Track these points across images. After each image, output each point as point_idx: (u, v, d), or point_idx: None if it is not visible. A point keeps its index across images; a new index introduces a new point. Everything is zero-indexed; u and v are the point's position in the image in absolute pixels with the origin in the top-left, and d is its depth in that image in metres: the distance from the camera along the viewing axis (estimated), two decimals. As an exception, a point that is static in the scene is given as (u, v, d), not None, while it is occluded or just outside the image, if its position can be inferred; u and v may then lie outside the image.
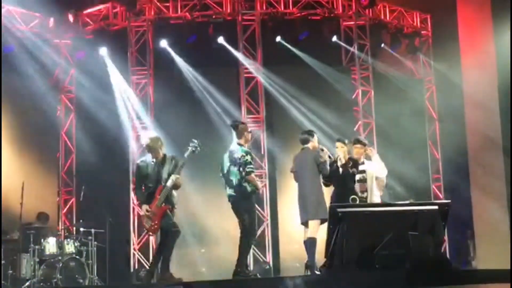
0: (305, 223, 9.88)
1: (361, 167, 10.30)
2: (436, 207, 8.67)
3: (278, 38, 15.37)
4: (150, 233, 9.48)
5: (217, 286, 8.08)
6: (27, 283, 11.76)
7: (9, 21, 14.51)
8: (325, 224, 9.38)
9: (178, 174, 9.35)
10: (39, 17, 15.14)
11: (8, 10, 14.56)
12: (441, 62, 16.19)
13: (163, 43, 15.18)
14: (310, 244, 9.72)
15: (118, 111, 15.05)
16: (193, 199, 13.94)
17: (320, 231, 9.70)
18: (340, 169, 10.10)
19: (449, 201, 9.21)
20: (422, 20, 16.73)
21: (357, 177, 10.14)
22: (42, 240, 12.06)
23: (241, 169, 9.30)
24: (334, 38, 15.67)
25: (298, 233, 10.85)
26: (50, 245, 12.03)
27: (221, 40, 15.14)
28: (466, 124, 15.07)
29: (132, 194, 14.40)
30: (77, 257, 12.04)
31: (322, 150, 9.92)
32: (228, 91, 15.26)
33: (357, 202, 9.75)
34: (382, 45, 16.24)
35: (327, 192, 10.20)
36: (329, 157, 9.94)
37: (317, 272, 9.27)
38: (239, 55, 15.08)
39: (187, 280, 8.90)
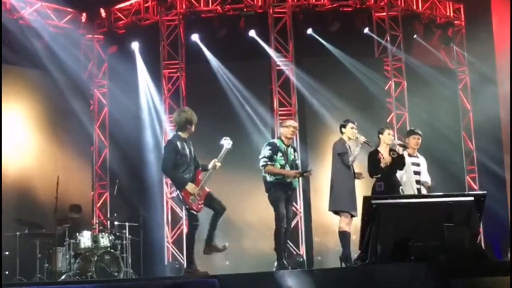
0: (334, 212, 9.91)
1: (416, 160, 10.33)
2: (471, 198, 8.60)
3: (310, 31, 15.31)
4: (194, 211, 9.11)
5: (250, 279, 8.06)
6: (63, 277, 11.88)
7: (42, 17, 14.67)
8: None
9: (220, 161, 9.16)
10: (71, 13, 15.28)
11: (41, 5, 14.72)
12: (475, 52, 16.04)
13: (195, 37, 15.21)
14: (340, 237, 9.76)
15: (142, 107, 15.20)
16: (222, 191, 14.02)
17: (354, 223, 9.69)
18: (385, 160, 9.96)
19: (485, 192, 9.10)
20: (455, 10, 16.55)
21: (414, 168, 10.27)
22: (77, 234, 12.15)
23: None
24: (366, 30, 15.58)
25: (332, 225, 10.83)
26: (85, 239, 12.11)
27: (252, 33, 15.13)
28: (501, 115, 14.93)
29: (165, 188, 14.49)
30: (112, 250, 12.11)
31: (357, 138, 9.89)
32: (260, 84, 15.28)
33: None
34: (415, 36, 16.10)
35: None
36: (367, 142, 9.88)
37: (353, 265, 9.23)
38: (270, 50, 15.02)
39: (215, 273, 8.90)
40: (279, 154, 9.56)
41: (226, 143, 9.31)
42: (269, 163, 9.51)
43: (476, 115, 16.16)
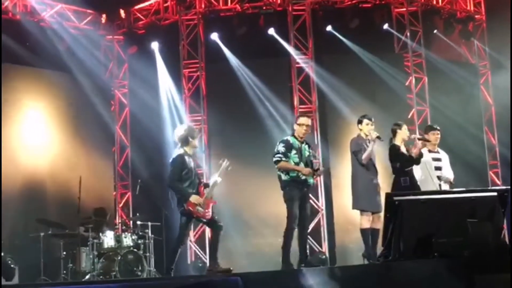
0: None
1: (437, 155, 10.29)
2: (495, 193, 8.53)
3: (329, 27, 15.28)
4: (204, 219, 9.41)
5: (273, 277, 8.07)
6: (87, 276, 11.93)
7: (62, 19, 14.76)
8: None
9: (220, 177, 9.51)
10: (91, 14, 15.36)
11: (61, 7, 14.82)
12: (496, 47, 15.93)
13: (214, 36, 15.24)
14: (362, 234, 9.78)
15: (162, 107, 15.27)
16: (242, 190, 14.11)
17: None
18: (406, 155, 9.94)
19: (509, 187, 9.03)
20: (475, 4, 16.43)
21: (435, 164, 10.24)
22: (100, 234, 12.22)
23: None
24: (386, 26, 15.52)
25: (354, 222, 10.81)
26: (108, 239, 12.16)
27: (271, 31, 15.12)
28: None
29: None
30: (135, 250, 12.14)
31: (366, 135, 9.85)
32: (281, 81, 15.27)
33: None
34: (435, 31, 16.01)
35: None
36: (379, 138, 9.84)
37: (376, 261, 9.20)
38: (289, 47, 15.01)
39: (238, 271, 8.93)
40: (293, 151, 9.52)
41: (224, 163, 9.53)
42: (283, 159, 9.47)
43: (498, 109, 16.05)
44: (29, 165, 13.85)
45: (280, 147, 9.53)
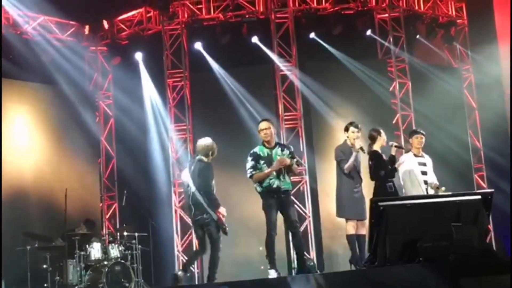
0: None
1: (422, 160, 10.34)
2: (479, 196, 8.57)
3: (312, 35, 15.32)
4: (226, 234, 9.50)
5: (260, 285, 8.08)
6: (75, 289, 11.92)
7: (45, 31, 14.73)
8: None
9: None
10: (74, 26, 15.35)
11: (44, 19, 14.79)
12: (479, 50, 16.03)
13: (198, 45, 15.25)
14: (348, 241, 9.78)
15: (147, 117, 15.27)
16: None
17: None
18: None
19: (492, 190, 9.08)
20: (457, 8, 16.54)
21: (421, 168, 10.26)
22: (87, 246, 12.18)
23: None
24: (369, 32, 15.58)
25: (341, 228, 10.83)
26: (95, 251, 12.13)
27: (255, 39, 15.15)
28: (506, 111, 14.89)
29: (174, 197, 14.55)
30: (122, 261, 12.13)
31: (354, 145, 9.86)
32: (265, 89, 15.29)
33: None
34: (418, 36, 16.09)
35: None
36: (362, 149, 9.82)
37: (362, 267, 9.22)
38: (273, 55, 15.03)
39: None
40: (261, 161, 9.41)
41: None
42: (253, 172, 9.42)
43: (482, 112, 16.13)
44: (14, 178, 13.76)
45: (249, 162, 9.46)
